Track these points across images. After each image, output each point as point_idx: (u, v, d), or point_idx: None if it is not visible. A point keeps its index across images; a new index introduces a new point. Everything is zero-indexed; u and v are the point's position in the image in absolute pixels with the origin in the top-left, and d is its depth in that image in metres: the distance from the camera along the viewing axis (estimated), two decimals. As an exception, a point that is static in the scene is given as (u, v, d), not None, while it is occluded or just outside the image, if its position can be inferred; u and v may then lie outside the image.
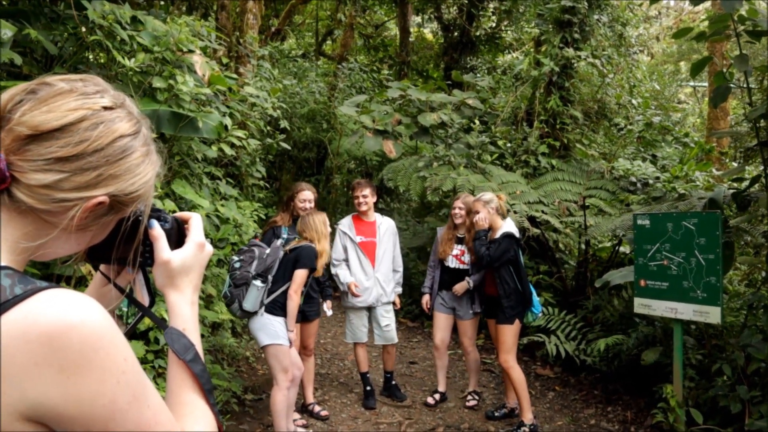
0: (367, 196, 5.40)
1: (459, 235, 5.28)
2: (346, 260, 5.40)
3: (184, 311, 1.01)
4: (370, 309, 5.45)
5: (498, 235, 4.82)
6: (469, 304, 5.27)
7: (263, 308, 4.35)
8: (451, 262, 5.27)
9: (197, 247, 1.05)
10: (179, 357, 0.95)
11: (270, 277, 4.36)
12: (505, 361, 4.77)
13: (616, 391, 5.54)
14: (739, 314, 5.16)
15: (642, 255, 4.49)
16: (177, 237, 1.05)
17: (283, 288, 4.39)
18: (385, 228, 5.51)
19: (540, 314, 5.15)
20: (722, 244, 4.05)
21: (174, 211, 3.99)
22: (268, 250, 4.45)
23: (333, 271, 5.40)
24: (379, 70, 14.04)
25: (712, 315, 4.00)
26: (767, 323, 3.92)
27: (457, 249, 5.27)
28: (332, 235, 4.88)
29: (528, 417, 4.73)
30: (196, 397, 0.95)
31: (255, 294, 4.29)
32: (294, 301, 4.36)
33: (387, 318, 5.46)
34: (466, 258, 5.21)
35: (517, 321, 4.79)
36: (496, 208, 4.92)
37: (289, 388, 4.39)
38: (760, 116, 4.01)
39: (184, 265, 1.02)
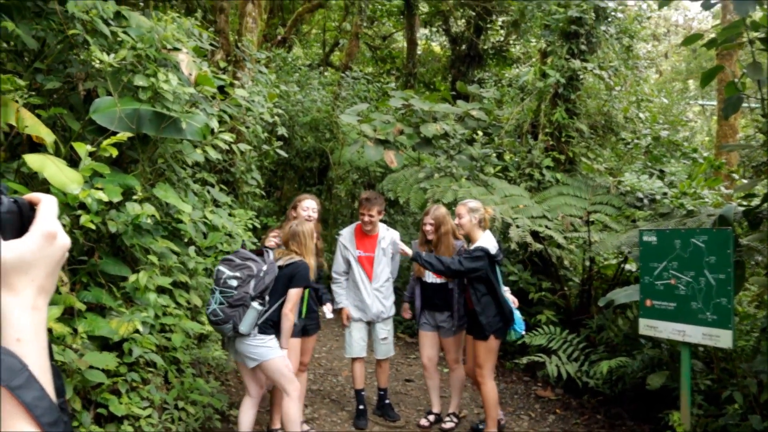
0: (373, 216, 5.12)
1: (432, 250, 5.03)
2: (347, 272, 5.23)
3: (19, 319, 0.76)
4: (369, 323, 5.26)
5: (473, 247, 4.62)
6: (451, 321, 5.03)
7: (257, 329, 4.12)
8: (429, 277, 5.05)
9: (43, 237, 0.79)
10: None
11: (267, 298, 4.12)
12: (479, 374, 4.68)
13: (619, 416, 5.27)
14: (750, 337, 4.91)
15: (648, 273, 4.25)
16: (19, 224, 0.80)
17: (275, 306, 4.17)
18: (387, 242, 5.27)
19: (523, 332, 4.89)
20: (734, 263, 3.81)
21: (153, 216, 3.80)
22: (264, 267, 4.15)
23: (332, 287, 5.25)
24: (387, 82, 13.92)
25: (723, 338, 3.75)
26: (781, 348, 3.68)
27: None
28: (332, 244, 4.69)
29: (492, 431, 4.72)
30: (30, 430, 0.72)
31: (253, 317, 4.04)
32: (290, 320, 4.18)
33: (385, 331, 5.27)
34: None
35: (492, 338, 4.59)
36: (479, 219, 4.70)
37: (299, 398, 4.23)
38: (775, 129, 3.79)
39: (21, 260, 0.77)
